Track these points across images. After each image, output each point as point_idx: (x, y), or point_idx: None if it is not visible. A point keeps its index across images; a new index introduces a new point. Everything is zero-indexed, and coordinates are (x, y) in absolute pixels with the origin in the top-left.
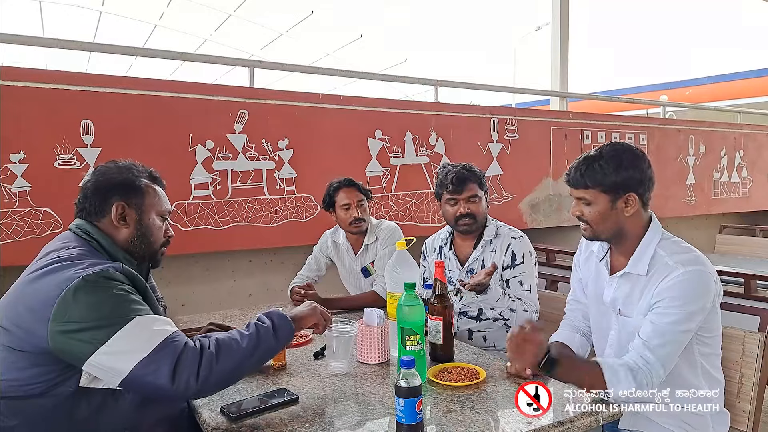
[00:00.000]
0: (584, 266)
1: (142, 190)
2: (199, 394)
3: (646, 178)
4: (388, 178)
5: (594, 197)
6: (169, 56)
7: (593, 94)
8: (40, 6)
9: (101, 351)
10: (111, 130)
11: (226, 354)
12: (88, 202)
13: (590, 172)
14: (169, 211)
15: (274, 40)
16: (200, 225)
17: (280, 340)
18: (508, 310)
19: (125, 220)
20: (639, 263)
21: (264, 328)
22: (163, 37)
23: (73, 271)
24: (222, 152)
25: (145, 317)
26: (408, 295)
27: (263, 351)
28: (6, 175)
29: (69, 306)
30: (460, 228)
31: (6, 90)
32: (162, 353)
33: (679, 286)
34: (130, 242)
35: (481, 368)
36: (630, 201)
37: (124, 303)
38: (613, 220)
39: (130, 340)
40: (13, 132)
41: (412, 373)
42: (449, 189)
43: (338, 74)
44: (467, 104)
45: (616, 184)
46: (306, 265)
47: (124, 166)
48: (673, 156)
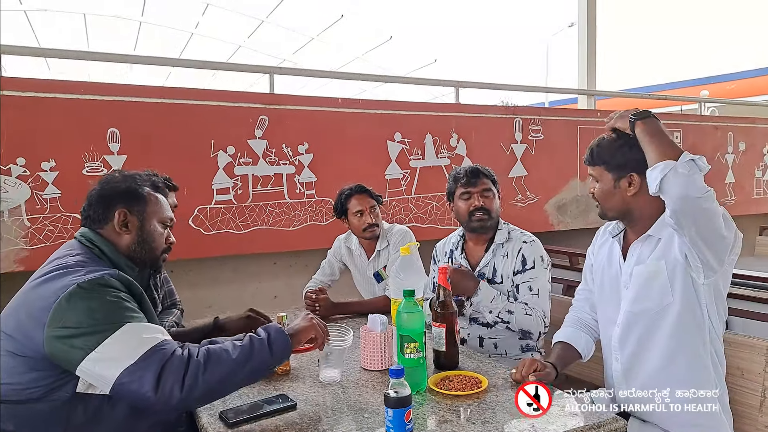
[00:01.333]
0: (598, 252)
1: (145, 198)
2: (184, 404)
3: None
4: (407, 181)
5: (600, 174)
6: (192, 65)
7: (622, 91)
8: (85, 18)
9: (91, 357)
10: (136, 138)
11: (214, 364)
12: (92, 210)
13: (598, 151)
14: (171, 219)
15: (306, 45)
16: (222, 229)
17: (275, 354)
18: (506, 312)
19: (127, 227)
20: (663, 229)
21: (258, 340)
22: (200, 45)
23: (71, 278)
24: (243, 157)
25: (136, 324)
26: (407, 302)
27: (256, 364)
28: (38, 182)
29: (64, 312)
30: (473, 224)
31: (36, 101)
32: (148, 361)
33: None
34: (131, 248)
35: (484, 377)
36: (633, 181)
37: (116, 310)
38: (617, 198)
39: (118, 347)
40: (44, 141)
41: (401, 382)
42: (463, 182)
43: (358, 78)
44: (489, 105)
45: (619, 164)
46: (320, 270)
47: (128, 175)
48: (710, 154)
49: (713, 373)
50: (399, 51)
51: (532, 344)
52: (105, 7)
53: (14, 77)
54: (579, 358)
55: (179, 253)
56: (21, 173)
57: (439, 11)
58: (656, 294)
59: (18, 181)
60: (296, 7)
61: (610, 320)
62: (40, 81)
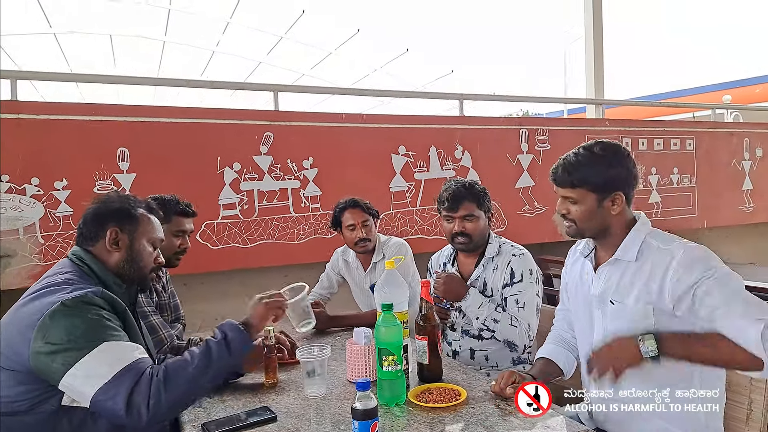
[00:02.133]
0: (570, 271)
1: (137, 218)
2: (154, 421)
3: (631, 176)
4: (412, 193)
5: (581, 196)
6: (199, 85)
7: (631, 99)
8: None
9: (70, 373)
10: (145, 156)
11: (174, 378)
12: (86, 228)
13: (577, 172)
14: (161, 240)
15: (324, 59)
16: (229, 243)
17: (234, 352)
18: (492, 320)
19: (117, 245)
20: (629, 251)
21: (215, 344)
22: (221, 63)
23: (57, 295)
24: (249, 173)
25: (113, 343)
26: (385, 316)
27: (217, 367)
28: (51, 201)
29: (46, 329)
30: (456, 245)
31: (49, 123)
32: (121, 380)
33: (695, 256)
34: (120, 266)
35: (465, 389)
36: (617, 199)
37: (96, 327)
38: (599, 218)
39: (95, 365)
40: (56, 161)
41: (367, 395)
42: (445, 206)
43: (360, 93)
44: (494, 116)
45: (603, 184)
46: (319, 283)
47: (123, 196)
48: (726, 161)
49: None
50: (416, 63)
51: (524, 357)
52: (129, 27)
53: (28, 101)
54: (561, 374)
55: (187, 268)
56: (35, 192)
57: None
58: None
59: (32, 200)
60: (314, 23)
61: (586, 340)
62: (53, 104)
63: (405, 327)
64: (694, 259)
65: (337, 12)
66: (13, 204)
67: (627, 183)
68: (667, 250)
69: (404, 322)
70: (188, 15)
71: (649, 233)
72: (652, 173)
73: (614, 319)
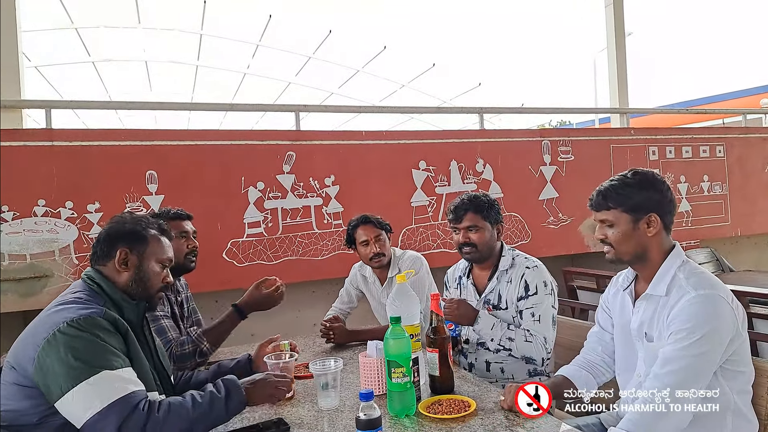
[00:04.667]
0: (612, 301)
1: (147, 239)
2: None
3: (666, 200)
4: (434, 207)
5: (616, 218)
6: (219, 108)
7: (656, 108)
8: (147, 66)
9: (65, 398)
10: (172, 178)
11: (174, 420)
12: (99, 247)
13: (612, 194)
14: (170, 260)
15: (352, 77)
16: (254, 261)
17: (230, 412)
18: (507, 339)
19: (126, 265)
20: (659, 284)
21: (218, 399)
22: (253, 84)
23: (64, 315)
24: (272, 192)
25: (110, 372)
26: (394, 329)
27: (211, 420)
28: (84, 223)
29: (51, 348)
30: (463, 256)
31: (82, 149)
32: (111, 411)
33: (687, 309)
34: (129, 285)
35: (475, 401)
36: (652, 222)
37: (95, 353)
38: (636, 241)
39: (89, 393)
40: (89, 185)
41: (370, 405)
42: (450, 218)
43: (380, 111)
44: (514, 129)
45: (637, 205)
46: (338, 298)
47: (136, 217)
48: (759, 167)
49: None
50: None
51: (540, 369)
52: (163, 53)
53: (61, 129)
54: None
55: (215, 285)
56: (69, 215)
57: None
58: None
59: (67, 222)
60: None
61: (631, 362)
62: (84, 131)
63: (417, 340)
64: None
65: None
66: (49, 227)
67: (661, 206)
68: (682, 289)
69: (416, 335)
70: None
71: (681, 266)
72: (681, 181)
73: (648, 353)
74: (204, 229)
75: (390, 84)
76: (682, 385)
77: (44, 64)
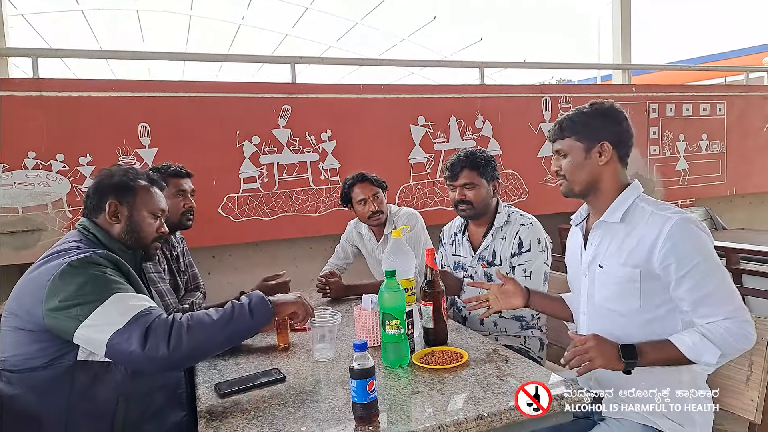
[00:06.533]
0: (569, 244)
1: (136, 190)
2: (171, 360)
3: (621, 130)
4: (432, 165)
5: (569, 147)
6: (213, 59)
7: (658, 64)
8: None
9: (84, 324)
10: (165, 132)
11: (197, 325)
12: (89, 201)
13: (567, 123)
14: (162, 210)
15: (350, 30)
16: (250, 216)
17: (256, 318)
18: None
19: (117, 217)
20: (615, 212)
21: (239, 306)
22: (248, 37)
23: (63, 259)
24: (268, 147)
25: (123, 294)
26: (389, 282)
27: (236, 327)
28: (76, 176)
29: (57, 288)
30: (459, 213)
31: (72, 101)
32: (135, 324)
33: (687, 238)
34: (122, 236)
35: (467, 352)
36: (604, 150)
37: (103, 282)
38: (588, 170)
39: (108, 314)
40: (80, 138)
41: (364, 355)
42: (446, 175)
43: (378, 64)
44: (515, 85)
45: (590, 133)
46: (334, 254)
47: (124, 169)
48: (758, 126)
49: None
50: (444, 31)
51: (531, 323)
52: (156, 2)
53: (50, 78)
54: (568, 318)
55: (211, 240)
56: (61, 168)
57: None
58: (625, 298)
59: (59, 175)
60: None
61: (577, 308)
62: (74, 81)
63: (412, 293)
64: (684, 240)
65: None
66: (41, 180)
67: (617, 136)
68: (661, 216)
69: (411, 289)
70: None
71: (640, 197)
72: (680, 140)
73: (601, 284)
74: (199, 184)
75: (390, 38)
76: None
77: (31, 12)
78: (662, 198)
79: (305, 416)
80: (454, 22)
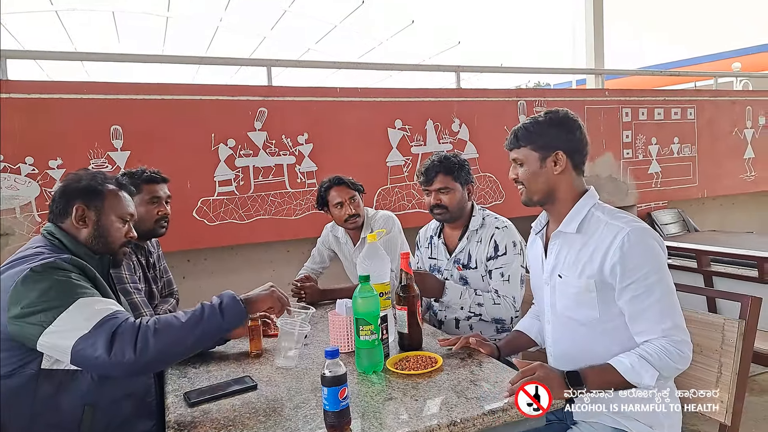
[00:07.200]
0: (529, 253)
1: (104, 194)
2: (138, 365)
3: (575, 139)
4: (409, 168)
5: (526, 156)
6: (188, 61)
7: (630, 69)
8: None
9: (48, 331)
10: (138, 134)
11: (164, 328)
12: (55, 205)
13: (522, 132)
14: (131, 214)
15: (328, 33)
16: (225, 219)
17: (227, 318)
18: (476, 305)
19: (84, 221)
20: (571, 223)
21: (210, 306)
22: (226, 39)
23: (26, 265)
24: (243, 149)
25: (88, 299)
26: (362, 287)
27: (206, 328)
28: (46, 180)
29: (19, 294)
30: (435, 217)
31: (42, 103)
32: (100, 329)
33: (637, 251)
34: (90, 241)
35: (441, 357)
36: (559, 159)
37: (68, 288)
38: (544, 179)
39: (72, 320)
40: (50, 140)
41: (336, 362)
42: (420, 180)
43: (354, 67)
44: (490, 89)
45: (545, 142)
46: (310, 258)
47: (92, 173)
48: (727, 129)
49: None
50: (422, 35)
51: (508, 326)
52: (132, 3)
53: (19, 80)
54: (533, 344)
55: (185, 244)
56: (30, 171)
57: None
58: (584, 308)
59: (27, 179)
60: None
61: (542, 317)
62: (44, 83)
63: (387, 298)
64: (633, 250)
65: None
66: (9, 183)
67: (571, 145)
68: (614, 226)
69: (386, 293)
70: None
71: (595, 206)
72: (652, 143)
73: (561, 293)
74: (173, 187)
75: (367, 41)
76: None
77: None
78: (636, 201)
79: (276, 425)
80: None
